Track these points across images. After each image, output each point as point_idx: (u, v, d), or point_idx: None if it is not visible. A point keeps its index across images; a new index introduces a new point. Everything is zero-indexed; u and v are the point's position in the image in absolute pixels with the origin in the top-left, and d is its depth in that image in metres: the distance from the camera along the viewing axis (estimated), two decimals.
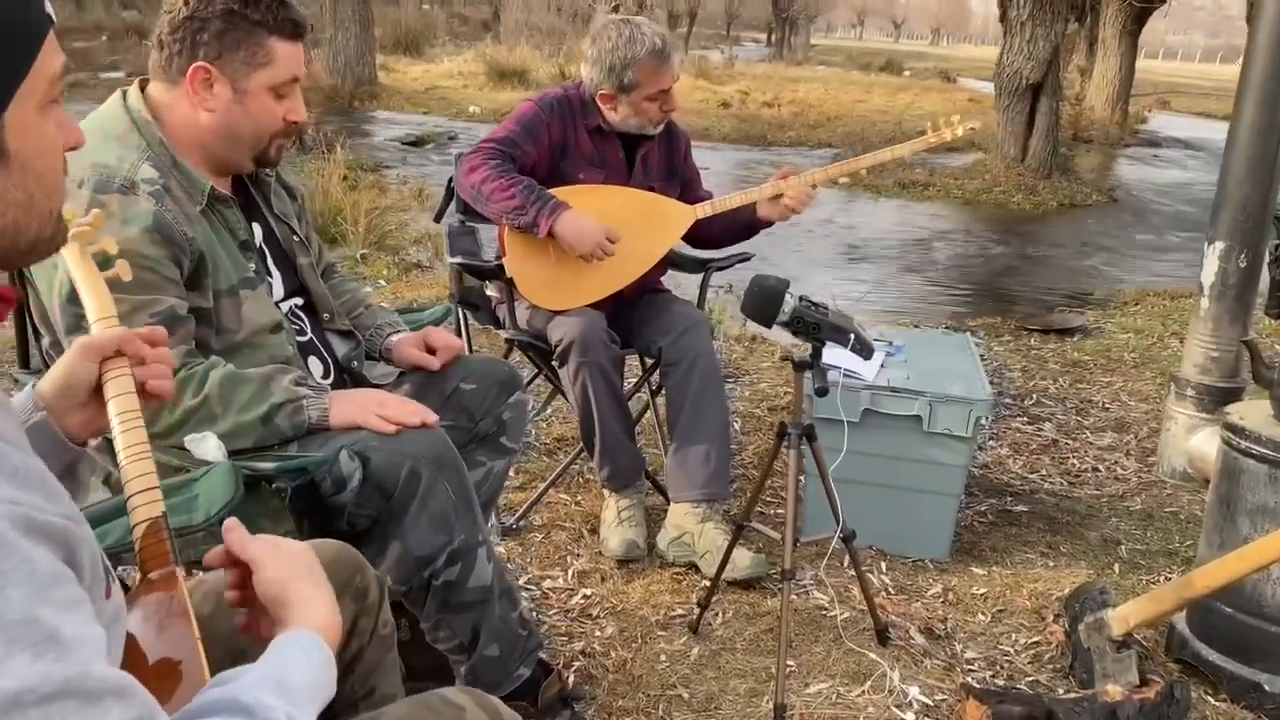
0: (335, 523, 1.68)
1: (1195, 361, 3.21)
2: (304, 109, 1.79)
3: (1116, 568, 2.70)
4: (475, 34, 25.78)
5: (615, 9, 31.11)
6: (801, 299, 1.93)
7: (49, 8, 0.83)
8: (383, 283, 4.91)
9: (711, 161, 11.22)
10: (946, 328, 5.02)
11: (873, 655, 2.22)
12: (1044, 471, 3.34)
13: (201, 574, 1.34)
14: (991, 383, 4.14)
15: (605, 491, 2.69)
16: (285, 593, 0.97)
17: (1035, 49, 9.63)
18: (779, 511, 2.86)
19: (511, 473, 3.04)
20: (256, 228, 1.88)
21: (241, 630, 1.02)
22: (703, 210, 2.68)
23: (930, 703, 2.09)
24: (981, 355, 4.54)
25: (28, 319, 1.71)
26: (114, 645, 0.89)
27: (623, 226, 2.55)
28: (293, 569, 0.99)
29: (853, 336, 1.89)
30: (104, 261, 1.28)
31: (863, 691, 2.11)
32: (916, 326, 5.02)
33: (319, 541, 1.36)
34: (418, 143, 10.27)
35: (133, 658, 0.95)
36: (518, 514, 2.76)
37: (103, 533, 1.30)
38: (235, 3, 1.63)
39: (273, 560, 0.99)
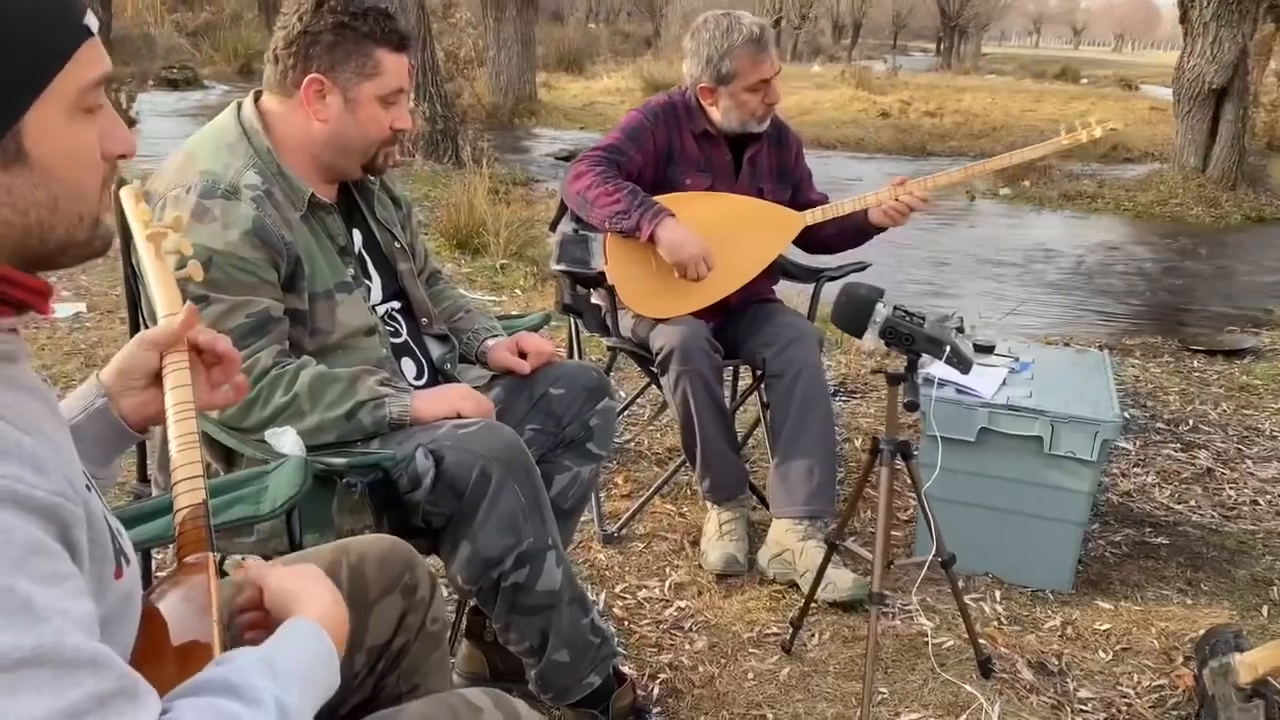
0: (412, 520, 1.71)
1: None
2: (409, 117, 1.85)
3: (1265, 611, 2.46)
4: (636, 50, 26.16)
5: (777, 22, 31.01)
6: (896, 309, 1.85)
7: (89, 19, 0.87)
8: (519, 291, 5.02)
9: (865, 172, 11.02)
10: (1100, 346, 4.73)
11: (971, 688, 2.10)
12: (1193, 502, 3.09)
13: (240, 558, 1.38)
14: (1143, 406, 3.89)
15: (707, 504, 2.65)
16: (289, 592, 1.00)
17: (1220, 51, 9.02)
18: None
19: (619, 480, 3.05)
20: (357, 234, 1.94)
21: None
22: (812, 216, 2.62)
23: None
24: (1135, 376, 4.27)
25: (140, 314, 1.82)
26: (125, 624, 0.92)
27: (727, 234, 2.51)
28: (298, 575, 1.02)
29: (948, 349, 1.80)
30: (182, 261, 1.34)
31: None
32: (1067, 344, 4.75)
33: (374, 537, 1.39)
34: (570, 157, 10.47)
35: (156, 635, 0.98)
36: (620, 522, 2.75)
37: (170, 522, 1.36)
38: (345, 16, 1.70)
39: (279, 572, 1.02)
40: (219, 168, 1.70)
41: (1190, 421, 3.74)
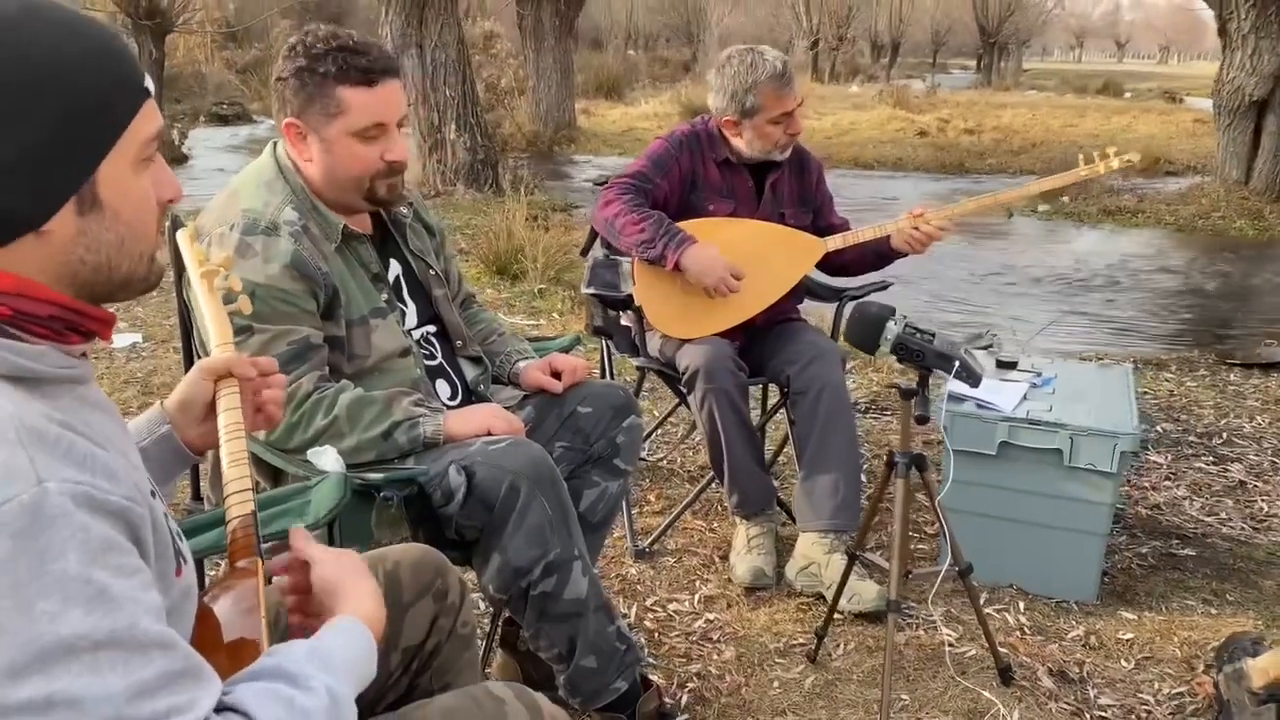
0: (446, 533, 1.81)
1: None
2: (402, 148, 1.87)
3: None
4: (675, 75, 26.40)
5: (814, 44, 31.14)
6: (907, 326, 1.92)
7: (148, 82, 0.99)
8: (556, 315, 5.13)
9: (902, 190, 11.03)
10: (1133, 362, 4.73)
11: (990, 695, 2.15)
12: (1224, 514, 3.10)
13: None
14: (1177, 420, 3.90)
15: (736, 519, 2.73)
16: (338, 585, 1.09)
17: (1259, 63, 8.97)
18: (913, 546, 2.80)
19: (652, 497, 3.13)
20: (393, 262, 2.06)
21: (294, 630, 1.14)
22: (833, 243, 2.70)
23: None
24: (1170, 390, 4.27)
25: (194, 345, 1.95)
26: (184, 618, 1.02)
27: (750, 259, 2.60)
28: (343, 568, 1.11)
29: (957, 363, 1.87)
30: (231, 296, 1.45)
31: None
32: (1100, 359, 4.76)
33: (408, 546, 1.49)
34: (607, 182, 10.61)
35: (209, 632, 1.08)
36: (651, 537, 2.83)
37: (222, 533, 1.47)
38: (305, 59, 1.77)
39: (329, 559, 1.12)
40: (259, 205, 1.81)
41: (1224, 435, 3.74)
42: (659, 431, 3.54)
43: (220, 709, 0.87)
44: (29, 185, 0.88)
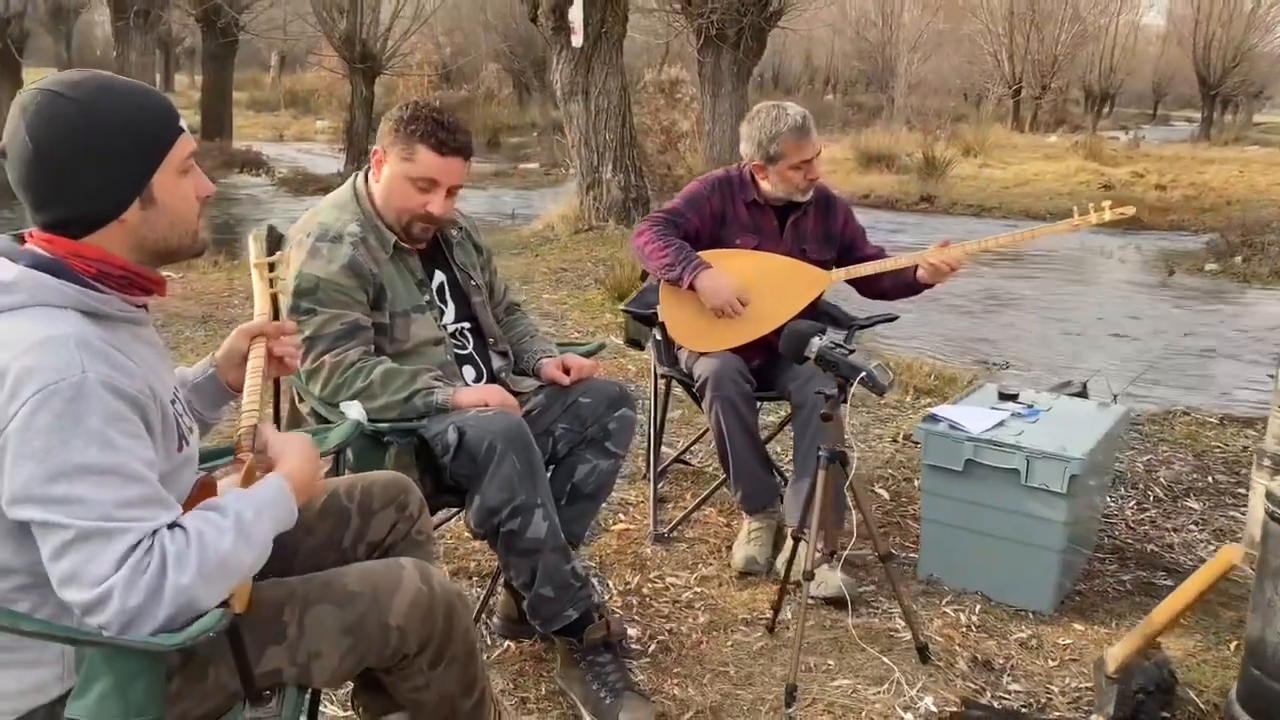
0: (444, 479, 2.33)
1: (1274, 433, 3.10)
2: (443, 206, 2.41)
3: (1232, 645, 2.64)
4: (867, 120, 26.50)
5: (1016, 92, 30.48)
6: (832, 343, 2.30)
7: (183, 123, 1.55)
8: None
9: (1053, 244, 10.90)
10: (1220, 419, 4.75)
11: (902, 667, 2.45)
12: None
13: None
14: (1235, 473, 3.96)
15: (742, 513, 3.12)
16: (278, 457, 1.60)
17: None
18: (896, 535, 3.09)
19: (688, 496, 3.56)
20: (439, 271, 2.61)
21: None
22: (838, 274, 3.07)
23: (936, 711, 2.30)
24: (1243, 446, 4.29)
25: None
26: (181, 480, 1.56)
27: (761, 286, 3.01)
28: (284, 446, 1.62)
29: (864, 373, 2.23)
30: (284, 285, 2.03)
31: (878, 692, 2.37)
32: (1184, 412, 4.80)
33: (385, 471, 2.01)
34: None
35: (210, 496, 1.62)
36: (670, 525, 3.26)
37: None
38: (408, 114, 2.38)
39: (279, 440, 1.64)
40: (331, 220, 2.41)
41: None
42: (708, 440, 3.95)
43: (170, 526, 1.39)
44: (111, 194, 1.45)
